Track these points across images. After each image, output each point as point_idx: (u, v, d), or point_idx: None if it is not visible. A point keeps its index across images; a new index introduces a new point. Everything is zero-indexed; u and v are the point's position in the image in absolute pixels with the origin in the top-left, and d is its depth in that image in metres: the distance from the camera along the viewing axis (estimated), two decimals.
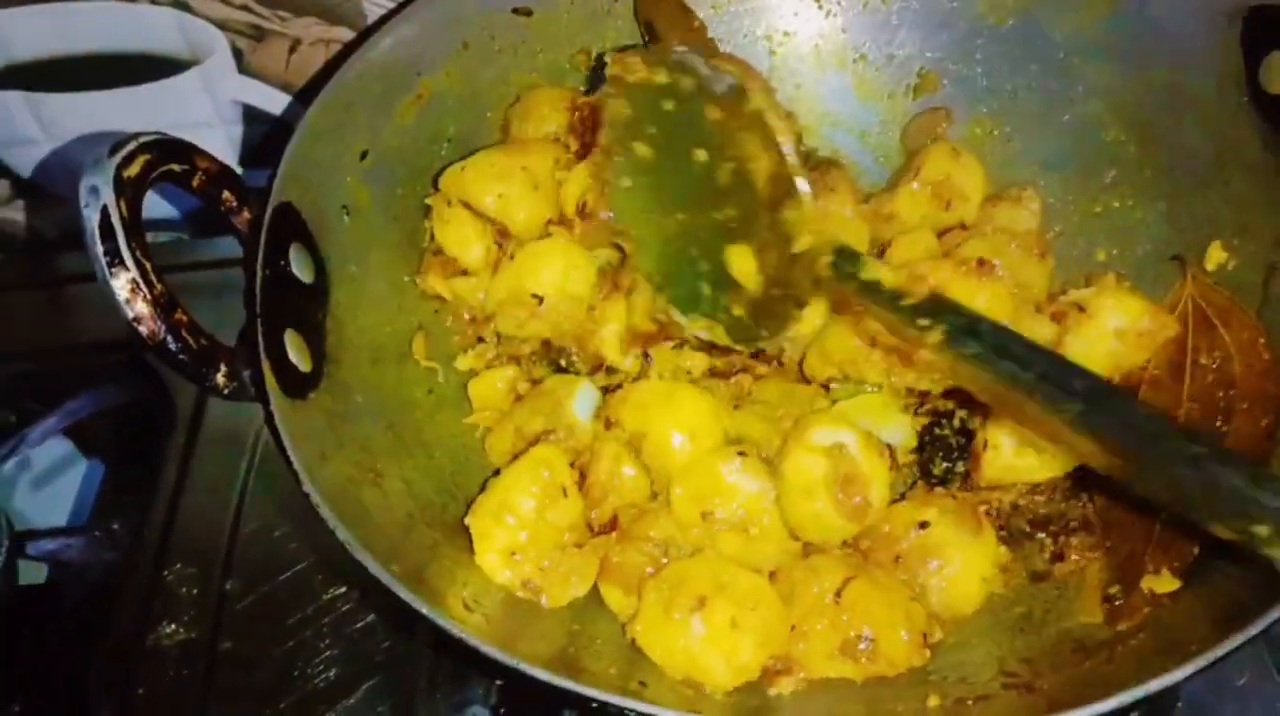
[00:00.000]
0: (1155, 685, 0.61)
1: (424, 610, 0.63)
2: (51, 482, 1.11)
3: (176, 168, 0.74)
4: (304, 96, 1.18)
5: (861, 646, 0.69)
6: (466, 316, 0.95)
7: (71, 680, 0.90)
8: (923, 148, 1.00)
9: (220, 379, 0.70)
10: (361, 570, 0.66)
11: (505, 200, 0.90)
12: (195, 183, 0.76)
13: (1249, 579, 0.66)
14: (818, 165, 1.03)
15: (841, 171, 1.04)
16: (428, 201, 0.95)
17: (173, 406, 1.09)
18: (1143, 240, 0.95)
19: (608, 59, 0.88)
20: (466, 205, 0.92)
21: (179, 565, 0.96)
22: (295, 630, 0.92)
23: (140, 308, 0.66)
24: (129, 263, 0.65)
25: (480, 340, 0.95)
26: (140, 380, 1.12)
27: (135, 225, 0.67)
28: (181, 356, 0.68)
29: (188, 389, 1.10)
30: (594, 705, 0.61)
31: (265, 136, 1.24)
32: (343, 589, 0.94)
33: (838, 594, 0.71)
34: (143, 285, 0.66)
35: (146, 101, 1.22)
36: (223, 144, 1.26)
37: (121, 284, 0.65)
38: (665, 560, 0.74)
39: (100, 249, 0.65)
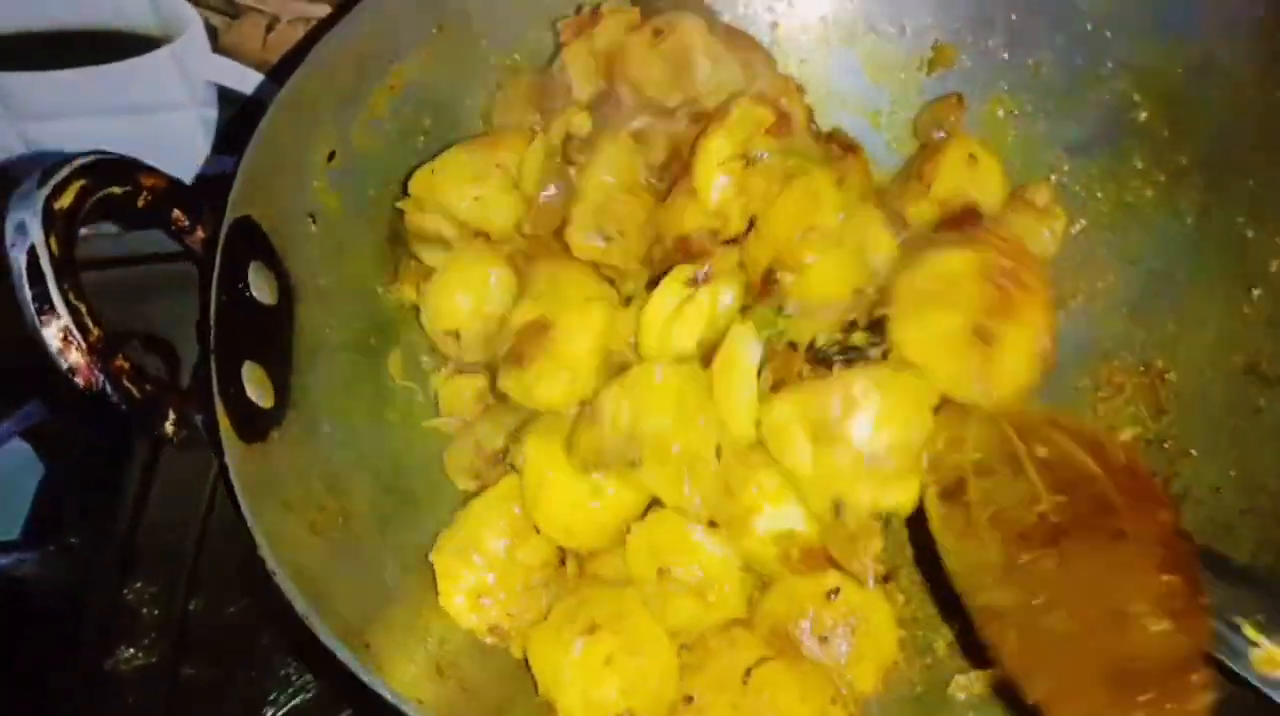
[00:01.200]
0: None
1: (391, 698, 0.58)
2: (6, 492, 1.06)
3: (117, 190, 0.68)
4: (278, 76, 1.11)
5: None
6: None
7: (25, 707, 0.86)
8: (936, 147, 0.92)
9: (169, 428, 0.65)
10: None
11: (482, 203, 0.84)
12: (140, 203, 0.70)
13: None
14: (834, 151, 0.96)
15: (857, 158, 0.96)
16: (399, 206, 0.88)
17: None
18: (1176, 235, 0.88)
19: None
20: (440, 210, 0.85)
21: (140, 583, 0.92)
22: (264, 655, 0.87)
23: (74, 358, 0.60)
24: (60, 308, 0.60)
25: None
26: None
27: (68, 262, 0.61)
28: (123, 406, 0.62)
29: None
30: None
31: (238, 118, 1.17)
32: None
33: (748, 672, 0.66)
34: (76, 333, 0.60)
35: (116, 81, 1.15)
36: (195, 126, 1.19)
37: (53, 333, 0.60)
38: None
39: (28, 294, 0.59)
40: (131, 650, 0.88)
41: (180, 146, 1.20)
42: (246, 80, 1.14)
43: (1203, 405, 0.84)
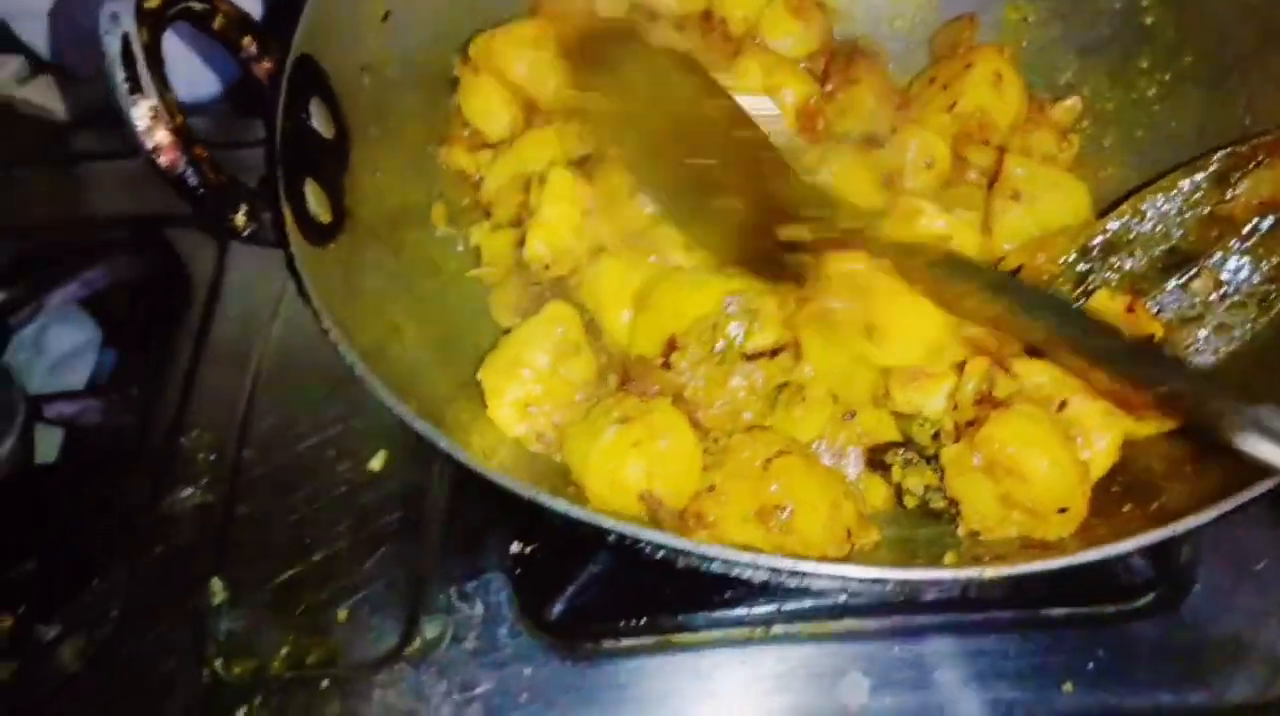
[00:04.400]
0: (1161, 534, 0.59)
1: (444, 444, 0.62)
2: (68, 358, 1.10)
3: (196, 6, 0.72)
4: None
5: (779, 516, 0.67)
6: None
7: (89, 540, 0.90)
8: (963, 61, 0.95)
9: (239, 219, 0.69)
10: (381, 416, 0.65)
11: (536, 68, 0.88)
12: (215, 24, 0.74)
13: None
14: (851, 56, 1.01)
15: (870, 61, 1.02)
16: (455, 73, 0.92)
17: (189, 280, 1.08)
18: (1180, 127, 0.93)
19: None
20: (494, 77, 0.89)
21: (196, 431, 0.96)
22: (309, 500, 0.91)
23: (160, 136, 0.64)
24: (149, 89, 0.64)
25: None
26: (156, 253, 1.11)
27: (155, 55, 0.65)
28: (200, 190, 0.66)
29: (204, 262, 1.09)
30: (614, 539, 0.60)
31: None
32: (351, 462, 0.93)
33: (768, 462, 0.69)
34: (163, 113, 0.64)
35: None
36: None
37: (141, 111, 0.64)
38: None
39: (120, 75, 0.63)
40: (189, 490, 0.92)
41: None
42: None
43: None
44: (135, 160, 1.22)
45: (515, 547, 0.85)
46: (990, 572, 0.56)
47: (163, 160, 0.65)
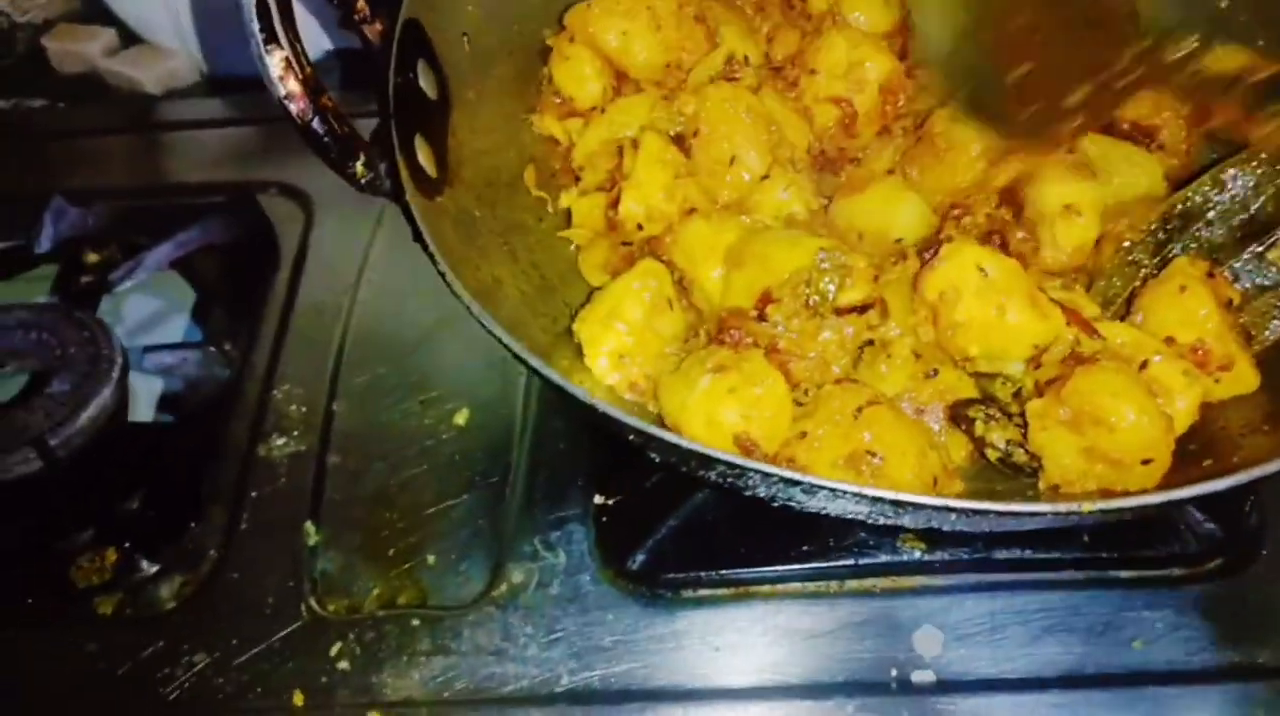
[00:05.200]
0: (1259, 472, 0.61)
1: (555, 378, 0.66)
2: (162, 319, 1.15)
3: None
4: None
5: (871, 461, 0.69)
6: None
7: (188, 484, 0.94)
8: None
9: (359, 168, 0.73)
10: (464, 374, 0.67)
11: (628, 37, 0.92)
12: None
13: None
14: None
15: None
16: (548, 41, 0.96)
17: (277, 243, 1.12)
18: None
19: None
20: (588, 47, 0.93)
21: (287, 386, 1.00)
22: (397, 451, 0.95)
23: (292, 85, 0.68)
24: (283, 41, 0.67)
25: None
26: (245, 218, 1.15)
27: (287, 8, 0.69)
28: (326, 139, 0.70)
29: (292, 227, 1.13)
30: (718, 473, 0.62)
31: None
32: (435, 417, 0.96)
33: (859, 411, 0.72)
34: (295, 64, 0.68)
35: None
36: None
37: (275, 61, 0.67)
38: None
39: (256, 26, 0.67)
40: (283, 439, 0.96)
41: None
42: None
43: None
44: (224, 130, 1.29)
45: (598, 500, 0.88)
46: (1086, 508, 0.58)
47: (294, 108, 0.69)
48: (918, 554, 0.82)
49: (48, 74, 1.39)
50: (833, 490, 0.59)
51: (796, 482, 0.60)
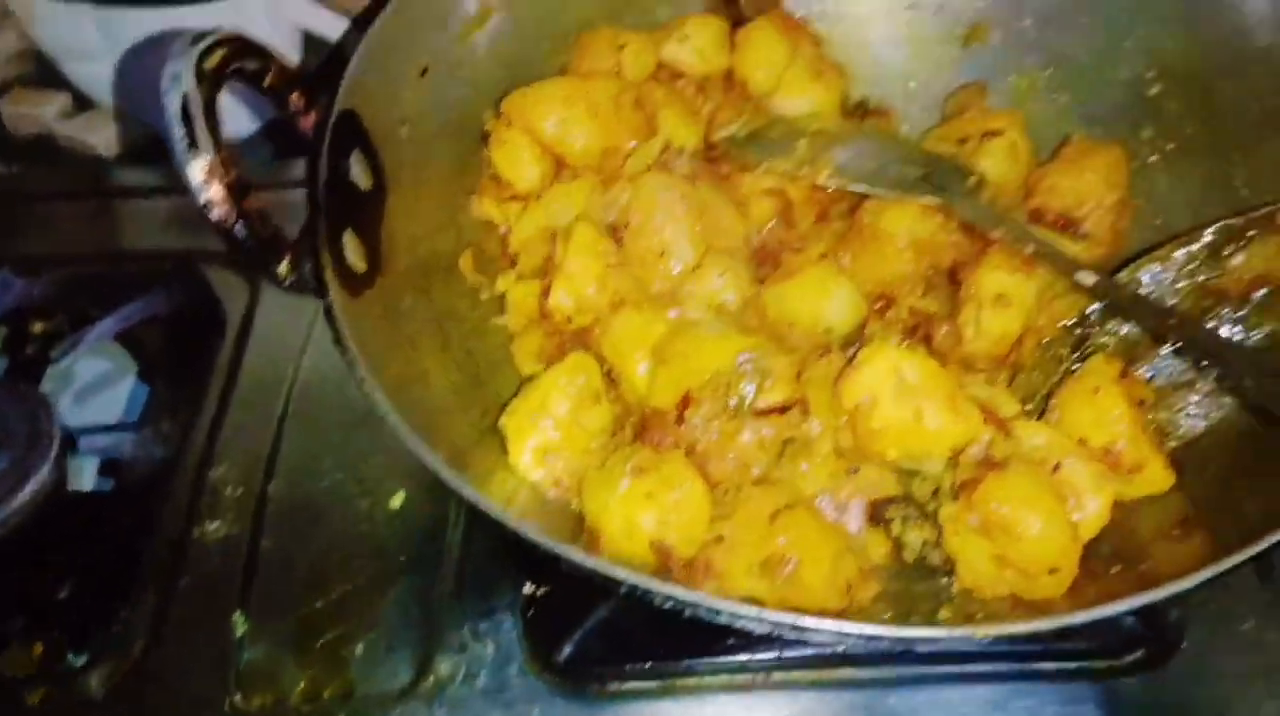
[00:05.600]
0: (1151, 597, 0.62)
1: (467, 492, 0.66)
2: (102, 390, 1.15)
3: (252, 64, 0.77)
4: (360, 24, 1.20)
5: (783, 568, 0.70)
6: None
7: (121, 566, 0.93)
8: (972, 127, 0.99)
9: (283, 269, 0.73)
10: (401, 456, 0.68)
11: (565, 125, 0.93)
12: (268, 81, 0.79)
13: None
14: (864, 116, 1.05)
15: (886, 122, 1.06)
16: (486, 127, 0.97)
17: (222, 315, 1.12)
18: (1181, 196, 0.96)
19: None
20: (525, 133, 0.94)
21: (224, 466, 0.99)
22: (330, 536, 0.94)
23: (215, 191, 0.68)
24: (206, 147, 0.68)
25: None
26: (190, 289, 1.15)
27: (212, 113, 0.70)
28: (249, 243, 0.71)
29: (237, 298, 1.13)
30: (625, 590, 0.63)
31: (321, 63, 1.26)
32: (371, 500, 0.96)
33: (775, 514, 0.72)
34: (218, 169, 0.68)
35: (210, 19, 1.23)
36: None
37: (198, 167, 0.68)
38: None
39: (179, 133, 0.68)
40: (216, 522, 0.95)
41: None
42: (333, 27, 1.23)
43: None
44: (172, 197, 1.29)
45: (527, 589, 0.88)
46: (980, 632, 0.59)
47: (215, 214, 0.69)
48: (842, 648, 0.83)
49: (3, 137, 1.39)
50: (732, 614, 0.59)
51: (696, 605, 0.60)
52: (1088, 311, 0.83)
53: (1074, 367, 0.81)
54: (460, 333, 0.89)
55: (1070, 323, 0.83)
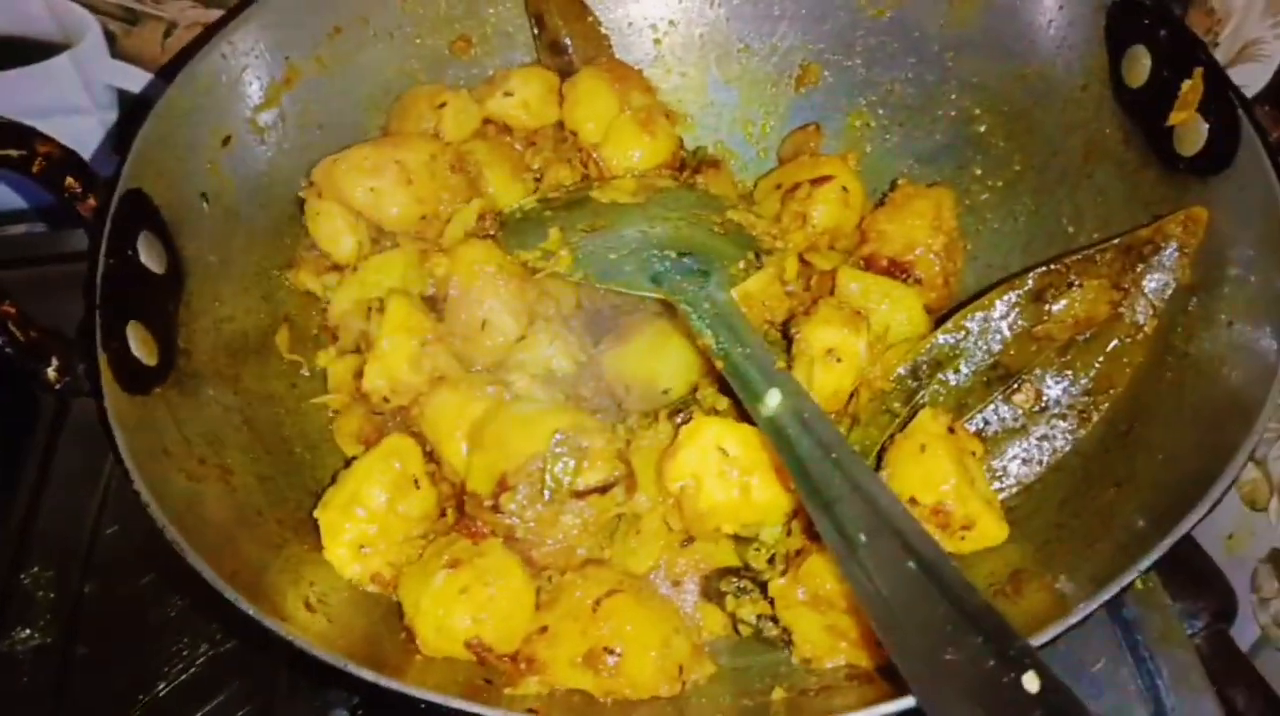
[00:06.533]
0: None
1: (250, 611, 0.61)
2: None
3: (14, 153, 0.72)
4: (168, 74, 1.15)
5: (607, 660, 0.67)
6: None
7: None
8: (804, 173, 0.98)
9: (51, 374, 0.68)
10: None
11: (378, 194, 0.88)
12: (35, 168, 0.74)
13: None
14: (698, 166, 1.03)
15: (718, 172, 1.04)
16: (300, 194, 0.92)
17: (34, 404, 1.05)
18: (1010, 234, 0.97)
19: None
20: (338, 203, 0.89)
21: (36, 568, 0.93)
22: (154, 634, 0.89)
23: None
24: None
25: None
26: None
27: None
28: (7, 349, 0.65)
29: None
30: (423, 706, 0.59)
31: (129, 116, 1.20)
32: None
33: (597, 602, 0.69)
34: None
35: (18, 86, 1.17)
36: (96, 130, 1.22)
37: None
38: None
39: None
40: (27, 631, 0.89)
41: (83, 149, 1.21)
42: (145, 84, 1.18)
43: None
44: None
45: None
46: None
47: None
48: None
49: None
50: None
51: None
52: (917, 361, 0.82)
53: (906, 421, 0.79)
54: (274, 418, 0.84)
55: (902, 372, 0.82)
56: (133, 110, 1.18)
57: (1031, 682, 0.53)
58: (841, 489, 0.64)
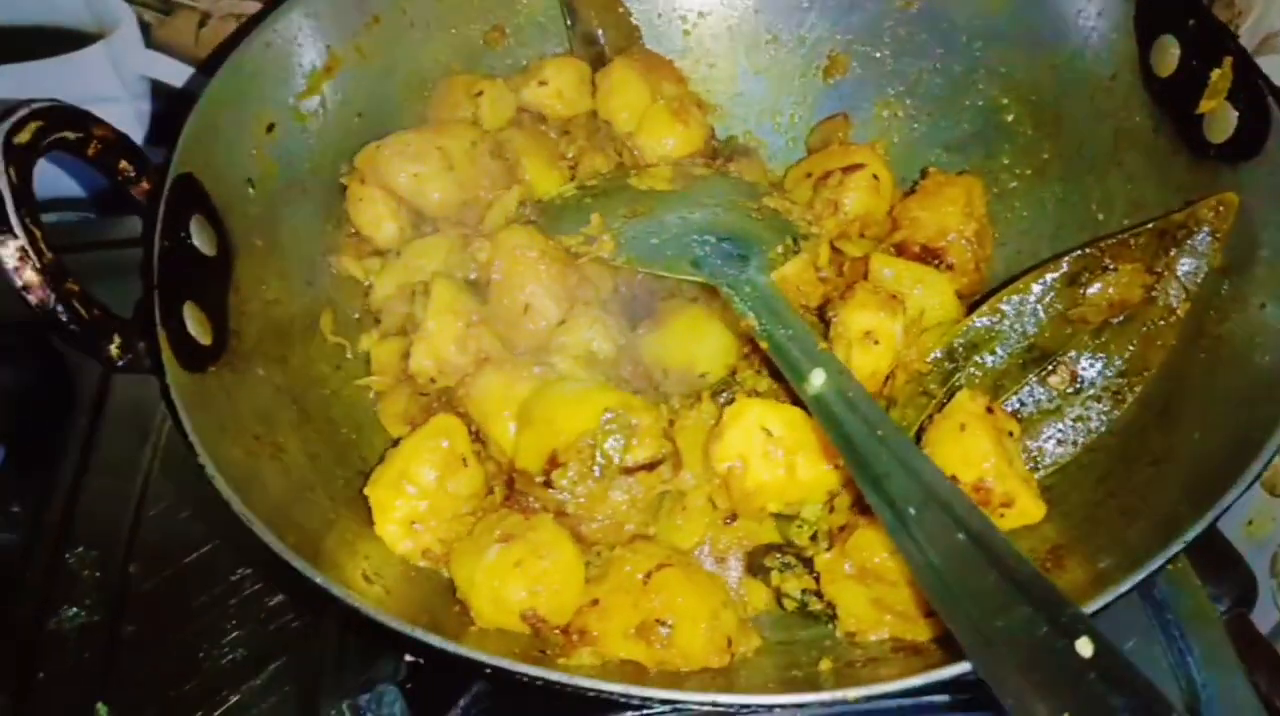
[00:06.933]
0: None
1: (318, 580, 0.63)
2: None
3: (71, 135, 0.73)
4: (209, 69, 1.16)
5: (660, 631, 0.68)
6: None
7: None
8: (835, 162, 0.99)
9: (113, 351, 0.69)
10: (261, 545, 0.65)
11: (420, 180, 0.90)
12: (90, 151, 0.75)
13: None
14: (730, 154, 1.05)
15: (751, 160, 1.05)
16: (342, 180, 0.94)
17: (74, 387, 1.06)
18: (1039, 221, 0.98)
19: None
20: (380, 188, 0.91)
21: (81, 548, 0.94)
22: (200, 612, 0.90)
23: (28, 276, 0.64)
24: (17, 230, 0.64)
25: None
26: (41, 361, 1.09)
27: (25, 192, 0.65)
28: (72, 326, 0.66)
29: (90, 370, 1.07)
30: (490, 673, 0.60)
31: (170, 111, 1.21)
32: (249, 569, 0.92)
33: (648, 576, 0.70)
34: (31, 253, 0.64)
35: (51, 76, 1.19)
36: (130, 119, 1.23)
37: (9, 252, 0.64)
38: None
39: None
40: (73, 609, 0.90)
41: None
42: (179, 74, 1.19)
43: None
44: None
45: (408, 659, 0.85)
46: (854, 694, 0.58)
47: (32, 298, 0.65)
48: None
49: None
50: (598, 691, 0.57)
51: (561, 685, 0.58)
52: (953, 344, 0.83)
53: (944, 403, 0.80)
54: (321, 398, 0.85)
55: (938, 355, 0.83)
56: (171, 100, 1.19)
57: (1085, 647, 0.55)
58: (890, 464, 0.66)
